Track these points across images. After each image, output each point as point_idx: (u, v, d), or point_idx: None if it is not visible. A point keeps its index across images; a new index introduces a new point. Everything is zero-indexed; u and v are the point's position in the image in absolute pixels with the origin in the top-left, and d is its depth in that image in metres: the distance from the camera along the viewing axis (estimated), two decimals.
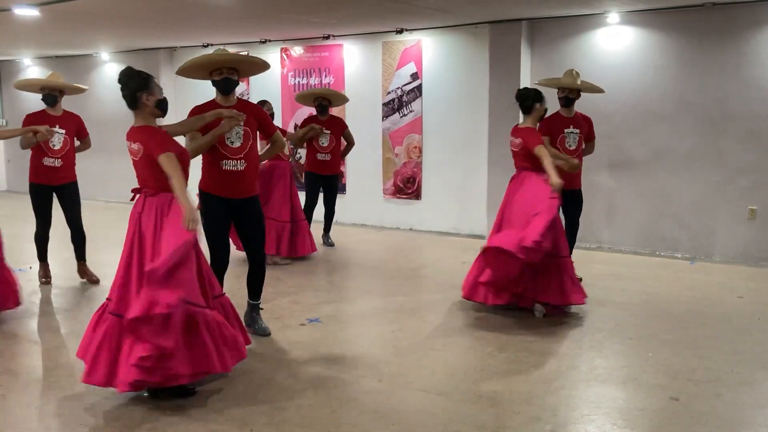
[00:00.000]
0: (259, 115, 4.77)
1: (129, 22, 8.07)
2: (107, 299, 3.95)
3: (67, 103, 6.44)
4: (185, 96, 10.98)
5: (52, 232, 6.61)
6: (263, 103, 6.88)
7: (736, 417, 3.70)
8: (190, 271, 3.78)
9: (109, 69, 12.08)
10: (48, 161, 6.15)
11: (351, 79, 9.51)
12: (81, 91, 6.72)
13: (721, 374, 4.21)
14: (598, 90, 6.20)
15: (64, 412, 3.78)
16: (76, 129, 6.33)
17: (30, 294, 6.21)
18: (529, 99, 5.49)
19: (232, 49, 10.49)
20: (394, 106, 9.21)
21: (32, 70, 13.33)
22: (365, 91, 9.37)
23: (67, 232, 6.56)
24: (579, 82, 5.97)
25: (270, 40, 9.96)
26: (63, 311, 5.66)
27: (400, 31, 8.89)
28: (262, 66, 4.92)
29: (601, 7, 7.23)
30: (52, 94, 6.25)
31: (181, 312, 3.65)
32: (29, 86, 6.38)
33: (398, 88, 9.15)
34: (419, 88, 8.99)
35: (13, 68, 13.70)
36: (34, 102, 6.35)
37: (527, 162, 5.50)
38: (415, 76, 9.01)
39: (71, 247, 6.64)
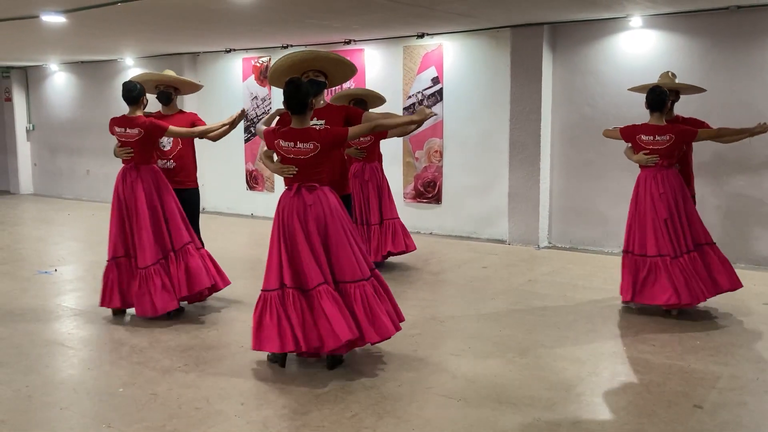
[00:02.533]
0: (348, 112, 4.77)
1: (153, 28, 8.17)
2: (266, 290, 4.30)
3: (89, 108, 6.40)
4: (209, 101, 11.09)
5: (77, 234, 6.70)
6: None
7: (763, 426, 3.64)
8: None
9: (133, 74, 12.19)
10: (160, 163, 5.76)
11: (372, 83, 9.53)
12: (197, 88, 6.24)
13: (747, 382, 4.16)
14: (699, 89, 5.96)
15: (88, 412, 3.83)
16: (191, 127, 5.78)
17: (55, 296, 6.31)
18: (666, 95, 5.43)
19: (253, 54, 10.59)
20: (415, 110, 9.19)
21: (59, 75, 13.54)
22: (386, 96, 9.32)
23: (92, 234, 6.62)
24: (677, 83, 5.77)
25: (292, 45, 10.02)
26: (87, 313, 5.73)
27: (421, 36, 8.90)
28: (351, 70, 4.90)
29: (624, 11, 7.18)
30: (166, 91, 5.92)
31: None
32: (145, 83, 5.84)
33: (419, 92, 9.16)
34: (440, 92, 8.99)
35: (40, 73, 13.93)
36: (60, 106, 6.39)
37: (670, 159, 5.45)
38: (435, 81, 9.01)
39: (97, 250, 6.69)
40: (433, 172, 9.18)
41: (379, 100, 7.47)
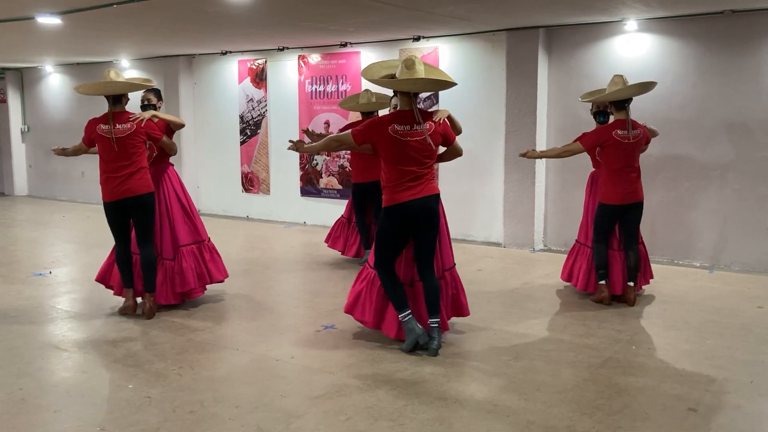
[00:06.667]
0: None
1: (148, 30, 8.16)
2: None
3: (84, 110, 6.46)
4: (206, 103, 11.08)
5: (72, 236, 6.70)
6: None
7: (757, 429, 3.65)
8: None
9: (129, 76, 12.19)
10: None
11: (367, 86, 9.52)
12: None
13: (741, 385, 4.17)
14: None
15: (81, 415, 3.82)
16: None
17: (50, 298, 6.29)
18: None
19: (249, 56, 10.59)
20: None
21: (54, 77, 13.52)
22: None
23: (87, 236, 6.61)
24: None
25: (288, 48, 10.03)
26: (82, 316, 5.72)
27: (417, 39, 8.91)
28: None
29: (619, 15, 7.20)
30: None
31: None
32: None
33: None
34: (436, 95, 9.00)
35: (36, 75, 13.91)
36: (56, 108, 6.37)
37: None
38: None
39: (92, 252, 6.68)
40: None
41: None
